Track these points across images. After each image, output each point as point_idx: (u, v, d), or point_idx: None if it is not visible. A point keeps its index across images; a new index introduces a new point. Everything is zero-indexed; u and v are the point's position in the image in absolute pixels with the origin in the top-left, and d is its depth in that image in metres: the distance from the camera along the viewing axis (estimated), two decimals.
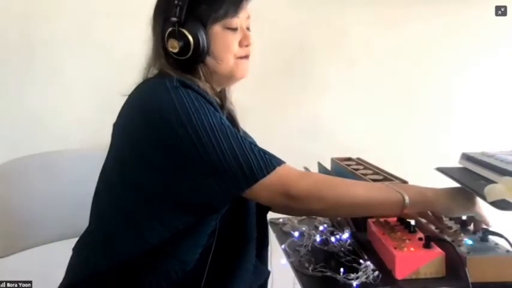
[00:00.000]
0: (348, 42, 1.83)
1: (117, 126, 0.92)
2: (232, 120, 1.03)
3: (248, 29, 0.97)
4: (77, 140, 1.59)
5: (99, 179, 0.94)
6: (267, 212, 1.09)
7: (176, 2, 0.86)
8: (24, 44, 1.60)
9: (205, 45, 0.89)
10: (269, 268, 1.09)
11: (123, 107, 0.91)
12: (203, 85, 0.90)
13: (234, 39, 0.93)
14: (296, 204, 0.82)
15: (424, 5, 1.83)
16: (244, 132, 1.07)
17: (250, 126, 1.08)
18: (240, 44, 0.94)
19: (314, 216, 1.27)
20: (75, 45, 1.62)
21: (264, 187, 0.80)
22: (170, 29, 0.87)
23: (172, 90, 0.82)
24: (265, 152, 0.83)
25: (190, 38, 0.87)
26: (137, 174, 0.84)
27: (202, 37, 0.88)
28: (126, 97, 0.91)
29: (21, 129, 1.61)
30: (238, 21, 0.93)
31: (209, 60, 0.92)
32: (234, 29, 0.93)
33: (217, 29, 0.91)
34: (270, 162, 0.81)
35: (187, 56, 0.88)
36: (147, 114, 0.83)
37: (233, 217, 0.92)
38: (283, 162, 0.83)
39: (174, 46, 0.87)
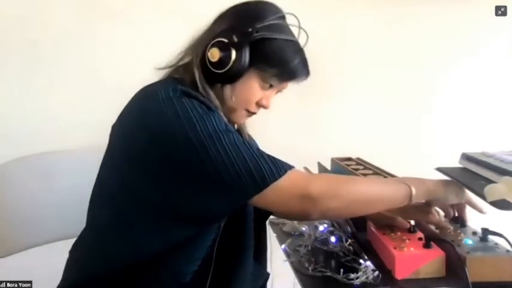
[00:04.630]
0: (348, 43, 1.82)
1: (116, 131, 0.90)
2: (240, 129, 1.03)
3: (279, 91, 0.96)
4: (76, 141, 1.59)
5: (95, 183, 0.92)
6: (265, 220, 1.08)
7: (249, 30, 0.85)
8: (23, 44, 1.60)
9: (239, 74, 0.87)
10: (269, 268, 1.09)
11: (124, 110, 0.89)
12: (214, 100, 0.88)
13: (259, 94, 0.92)
14: (313, 205, 0.80)
15: (425, 5, 1.83)
16: (249, 136, 1.06)
17: (250, 126, 1.08)
18: (258, 102, 0.93)
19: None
20: (74, 46, 1.62)
21: (278, 192, 0.78)
22: (221, 39, 0.85)
23: (176, 99, 0.80)
24: (274, 158, 0.81)
25: (233, 58, 0.84)
26: (137, 184, 0.82)
27: (243, 66, 0.86)
28: (124, 97, 0.90)
29: (21, 129, 1.61)
30: (276, 84, 0.92)
31: (227, 88, 0.89)
32: (268, 86, 0.92)
33: (255, 78, 0.89)
34: (280, 166, 0.79)
35: (217, 70, 0.86)
36: (149, 125, 0.80)
37: (231, 228, 0.90)
38: (293, 167, 0.82)
39: (214, 55, 0.85)
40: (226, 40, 0.85)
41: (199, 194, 0.78)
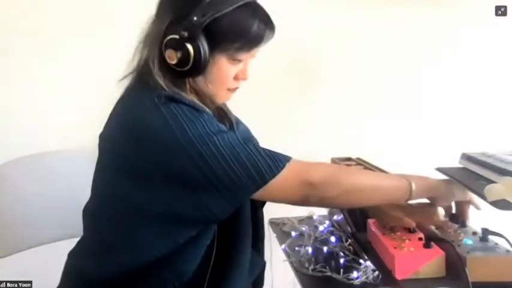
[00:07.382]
0: (349, 43, 1.82)
1: (105, 143, 0.87)
2: (224, 115, 1.00)
3: (252, 57, 0.90)
4: (76, 141, 1.58)
5: (91, 190, 0.91)
6: (262, 207, 1.07)
7: (194, 19, 0.78)
8: (22, 44, 1.60)
9: (204, 66, 0.82)
10: (269, 269, 1.09)
11: (110, 120, 0.87)
12: (188, 96, 0.84)
13: (233, 71, 0.87)
14: (313, 191, 0.80)
15: (424, 5, 1.83)
16: (237, 120, 1.03)
17: (250, 126, 1.08)
18: (236, 77, 0.89)
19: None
20: (73, 45, 1.62)
21: (279, 185, 0.78)
22: (172, 37, 0.80)
23: (162, 106, 0.77)
24: (270, 151, 0.80)
25: (192, 53, 0.79)
26: (134, 196, 0.80)
27: (205, 57, 0.80)
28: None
29: (20, 129, 1.61)
30: (246, 55, 0.87)
31: (200, 79, 0.85)
32: (239, 61, 0.87)
33: (222, 58, 0.84)
34: (278, 160, 0.78)
35: (183, 69, 0.81)
36: (139, 136, 0.77)
37: (227, 218, 0.87)
38: (290, 158, 0.81)
39: (172, 57, 0.80)
40: (177, 36, 0.79)
41: (199, 198, 0.77)
